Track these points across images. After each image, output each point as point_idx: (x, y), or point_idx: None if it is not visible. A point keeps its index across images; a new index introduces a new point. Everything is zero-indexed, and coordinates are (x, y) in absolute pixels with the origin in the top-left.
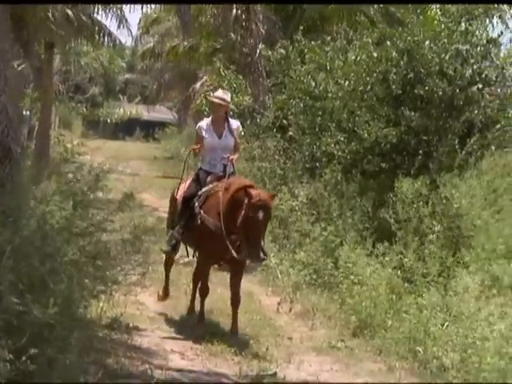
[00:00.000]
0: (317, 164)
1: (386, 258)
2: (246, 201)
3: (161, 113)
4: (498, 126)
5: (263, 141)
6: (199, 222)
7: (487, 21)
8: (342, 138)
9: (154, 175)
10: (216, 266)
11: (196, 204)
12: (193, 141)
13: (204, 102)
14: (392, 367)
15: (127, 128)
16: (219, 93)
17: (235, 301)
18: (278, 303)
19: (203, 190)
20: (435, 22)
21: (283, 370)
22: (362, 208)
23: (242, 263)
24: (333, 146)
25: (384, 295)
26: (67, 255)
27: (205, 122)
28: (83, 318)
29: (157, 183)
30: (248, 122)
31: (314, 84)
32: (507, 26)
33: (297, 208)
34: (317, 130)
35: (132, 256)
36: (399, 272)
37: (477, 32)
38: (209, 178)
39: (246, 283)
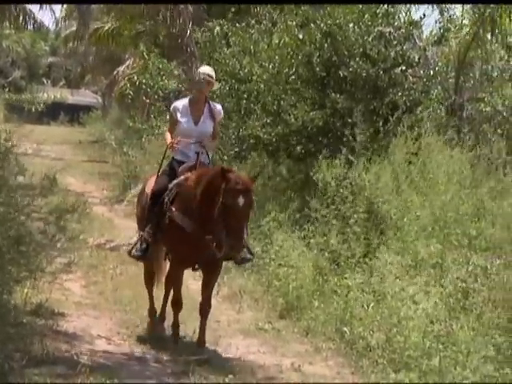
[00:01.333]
0: (243, 147)
1: (312, 241)
2: (222, 186)
3: (85, 96)
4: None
5: None
6: (169, 220)
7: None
8: (268, 121)
9: (78, 160)
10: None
11: (166, 199)
12: (120, 125)
13: (128, 85)
14: (319, 348)
15: (52, 112)
16: (206, 68)
17: (204, 309)
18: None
19: (173, 182)
20: (358, 4)
21: (210, 352)
22: (289, 191)
23: (218, 265)
24: (259, 129)
25: (310, 277)
26: None
27: (181, 103)
28: (7, 305)
29: (82, 167)
30: None
31: (239, 67)
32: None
33: None
34: (243, 113)
35: (57, 241)
36: (326, 254)
37: (399, 14)
38: (180, 169)
39: None
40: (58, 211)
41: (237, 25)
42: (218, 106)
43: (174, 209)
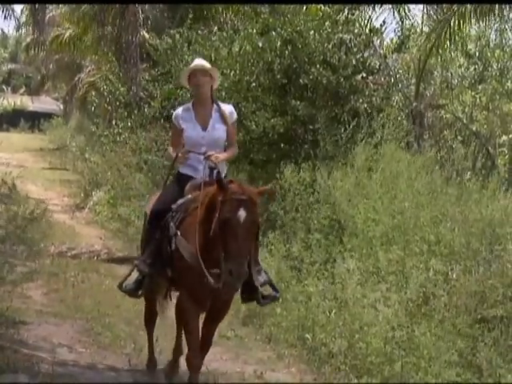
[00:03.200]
0: None
1: (274, 248)
2: (219, 198)
3: (46, 103)
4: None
5: (150, 131)
6: (174, 247)
7: (370, 10)
8: None
9: (39, 167)
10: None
11: (171, 223)
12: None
13: (93, 93)
14: (281, 355)
15: (12, 119)
16: (198, 60)
17: (205, 350)
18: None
19: (178, 202)
20: (318, 11)
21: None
22: None
23: (228, 304)
24: None
25: None
26: None
27: (183, 108)
28: None
29: (42, 175)
30: (136, 113)
31: None
32: (399, 14)
33: None
34: None
35: (16, 249)
36: (288, 261)
37: (360, 21)
38: (187, 186)
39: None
40: (18, 219)
41: (199, 32)
42: (229, 107)
43: (179, 233)
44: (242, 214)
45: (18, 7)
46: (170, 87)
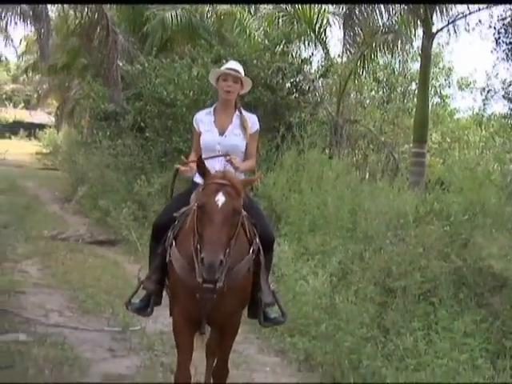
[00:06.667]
0: (168, 158)
1: None
2: (200, 189)
3: (41, 116)
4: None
5: (125, 139)
6: (168, 259)
7: (301, 43)
8: (189, 137)
9: (35, 167)
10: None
11: (170, 233)
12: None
13: (77, 107)
14: None
15: (13, 129)
16: (233, 64)
17: (220, 375)
18: (139, 269)
19: (181, 210)
20: (260, 44)
21: (142, 323)
22: None
23: (233, 324)
24: (182, 143)
25: None
26: None
27: (205, 112)
28: None
29: (38, 173)
30: (113, 124)
31: (165, 94)
32: (324, 47)
33: (153, 193)
34: (168, 131)
35: (17, 232)
36: None
37: (292, 53)
38: (193, 194)
39: (112, 254)
40: (18, 209)
41: (163, 60)
42: (253, 117)
43: (174, 244)
44: (219, 198)
45: (17, 36)
46: (141, 104)
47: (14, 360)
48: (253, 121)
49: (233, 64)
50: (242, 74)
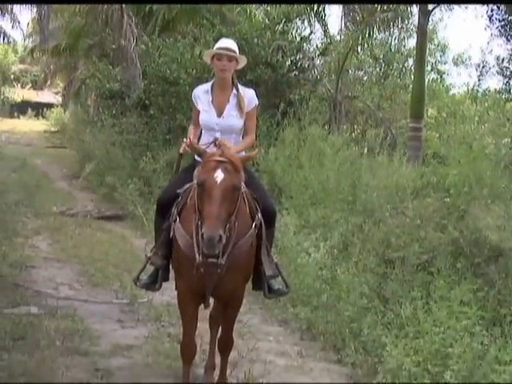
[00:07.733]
0: (173, 135)
1: None
2: (200, 167)
3: (48, 96)
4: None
5: (130, 117)
6: (172, 234)
7: (300, 22)
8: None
9: (43, 145)
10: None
11: (174, 209)
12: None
13: (83, 86)
14: None
15: (21, 108)
16: (225, 41)
17: (225, 345)
18: (145, 244)
19: (185, 187)
20: (261, 24)
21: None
22: None
23: (237, 297)
24: (185, 121)
25: None
26: None
27: (202, 88)
28: None
29: (46, 152)
30: (118, 103)
31: (169, 72)
32: (323, 25)
33: (158, 170)
34: (172, 109)
35: (28, 209)
36: None
37: (293, 31)
38: (195, 171)
39: (119, 228)
40: (29, 186)
41: (166, 40)
42: (250, 92)
43: (178, 220)
44: (218, 175)
45: (24, 19)
46: (145, 83)
47: (26, 332)
48: (250, 97)
49: (226, 42)
50: (236, 50)
